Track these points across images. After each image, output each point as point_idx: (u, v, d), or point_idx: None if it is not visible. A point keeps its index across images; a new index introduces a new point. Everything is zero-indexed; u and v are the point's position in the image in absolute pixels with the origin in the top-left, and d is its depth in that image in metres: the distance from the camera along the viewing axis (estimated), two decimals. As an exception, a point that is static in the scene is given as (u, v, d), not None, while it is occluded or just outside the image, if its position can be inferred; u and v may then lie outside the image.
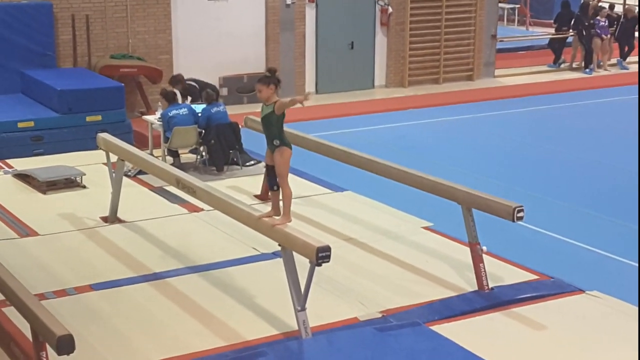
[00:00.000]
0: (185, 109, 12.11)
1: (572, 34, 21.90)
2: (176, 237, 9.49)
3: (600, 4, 22.58)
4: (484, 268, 8.10)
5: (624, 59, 22.17)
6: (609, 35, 21.72)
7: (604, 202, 11.54)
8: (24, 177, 11.36)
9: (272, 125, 7.25)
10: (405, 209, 10.36)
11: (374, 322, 7.43)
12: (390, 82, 18.95)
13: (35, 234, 9.56)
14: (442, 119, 16.43)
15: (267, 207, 10.17)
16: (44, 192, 10.91)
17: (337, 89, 18.20)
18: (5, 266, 6.93)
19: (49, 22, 14.92)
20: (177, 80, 13.65)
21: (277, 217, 7.35)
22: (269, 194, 7.92)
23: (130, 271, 8.55)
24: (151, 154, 11.75)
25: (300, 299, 6.99)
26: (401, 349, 6.97)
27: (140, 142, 13.36)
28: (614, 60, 22.23)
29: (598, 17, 21.57)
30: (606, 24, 21.64)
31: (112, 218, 9.92)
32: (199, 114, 12.05)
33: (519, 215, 7.70)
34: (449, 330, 7.31)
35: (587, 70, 21.37)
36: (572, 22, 21.84)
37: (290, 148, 7.30)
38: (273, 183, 7.44)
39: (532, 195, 11.54)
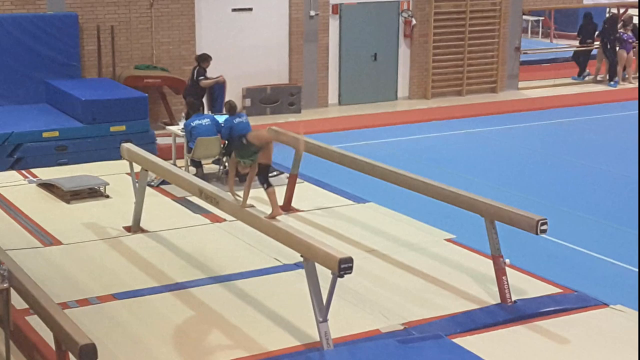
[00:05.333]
0: (208, 120, 12.14)
1: (596, 46, 21.79)
2: (198, 247, 9.52)
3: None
4: (507, 281, 8.06)
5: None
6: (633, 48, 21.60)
7: (628, 215, 11.44)
8: (48, 187, 11.43)
9: None
10: (428, 221, 10.33)
11: (396, 334, 7.41)
12: (413, 93, 18.92)
13: (59, 243, 9.61)
14: (465, 131, 16.38)
15: (290, 218, 10.22)
16: (68, 202, 10.97)
17: (360, 101, 18.20)
18: (29, 275, 6.97)
19: (75, 33, 15.03)
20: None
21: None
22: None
23: (153, 281, 8.58)
24: (174, 164, 11.81)
25: (322, 310, 6.98)
26: (423, 361, 6.95)
27: (164, 152, 13.42)
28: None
29: (621, 30, 21.45)
30: (632, 36, 21.52)
31: (135, 228, 9.96)
32: (222, 125, 12.08)
33: (543, 228, 7.66)
34: (471, 343, 7.28)
35: (612, 82, 21.26)
36: (597, 34, 21.73)
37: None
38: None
39: (555, 208, 11.48)
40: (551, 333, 7.56)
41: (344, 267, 6.63)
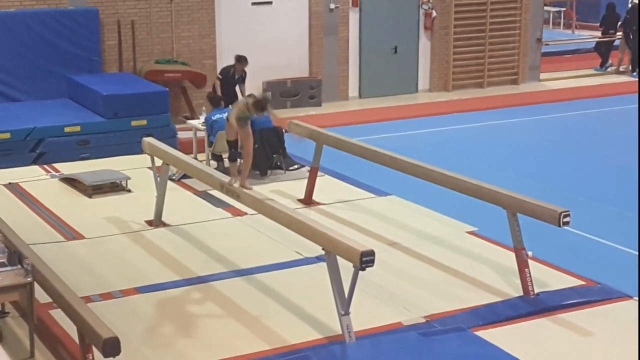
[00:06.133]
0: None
1: (619, 37, 21.63)
2: (220, 240, 9.54)
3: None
4: (530, 273, 8.02)
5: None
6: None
7: (652, 207, 11.37)
8: (70, 181, 11.49)
9: None
10: (450, 214, 10.30)
11: (418, 327, 7.40)
12: (434, 86, 18.87)
13: (82, 237, 9.66)
14: (486, 123, 16.32)
15: (311, 212, 10.22)
16: (90, 196, 11.02)
17: (381, 93, 18.16)
18: (52, 269, 7.01)
19: (95, 28, 15.09)
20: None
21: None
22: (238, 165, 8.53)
23: (175, 274, 8.61)
24: (195, 158, 11.83)
25: (344, 303, 6.98)
26: (446, 354, 6.93)
27: (184, 146, 13.44)
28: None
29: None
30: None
31: (156, 222, 9.99)
32: (243, 119, 12.06)
33: (565, 220, 7.61)
34: (493, 335, 7.25)
35: (635, 73, 21.09)
36: (620, 25, 21.57)
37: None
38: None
39: (578, 199, 11.41)
40: (574, 325, 7.52)
41: (365, 260, 6.61)
